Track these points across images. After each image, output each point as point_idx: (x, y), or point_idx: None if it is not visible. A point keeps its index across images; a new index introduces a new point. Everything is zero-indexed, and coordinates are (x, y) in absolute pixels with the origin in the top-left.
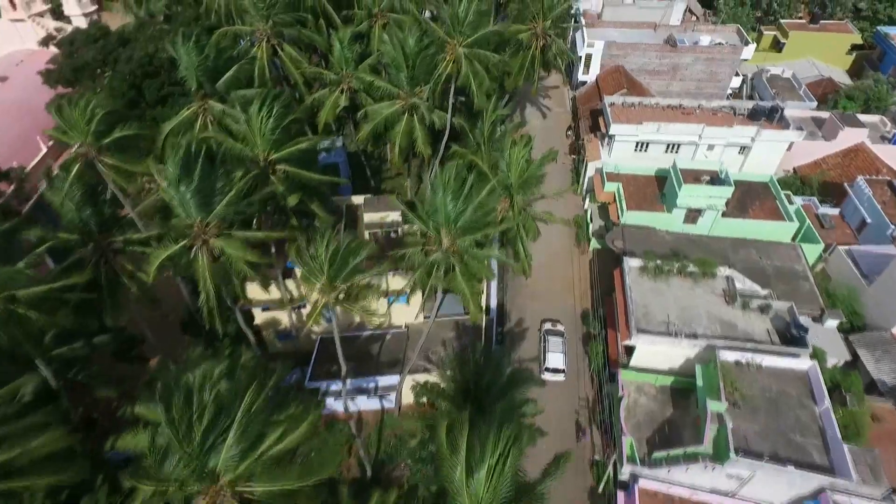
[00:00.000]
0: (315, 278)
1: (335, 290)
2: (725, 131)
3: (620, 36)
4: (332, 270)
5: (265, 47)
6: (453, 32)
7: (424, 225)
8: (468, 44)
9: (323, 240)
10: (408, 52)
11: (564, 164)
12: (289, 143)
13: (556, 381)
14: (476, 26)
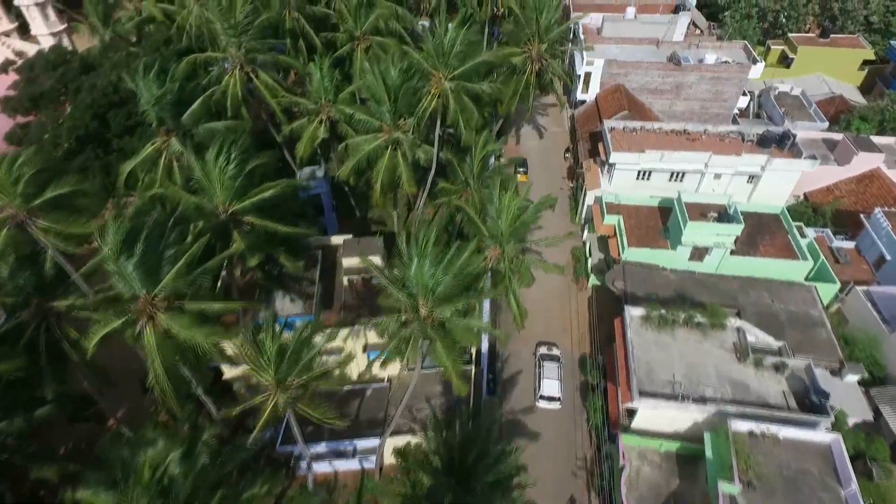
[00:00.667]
0: (261, 376)
1: (287, 390)
2: (733, 160)
3: (621, 53)
4: (283, 368)
5: (238, 75)
6: (438, 65)
7: (399, 292)
8: (455, 76)
9: (269, 332)
10: (390, 85)
11: (562, 190)
12: (253, 191)
13: (552, 408)
14: (464, 57)
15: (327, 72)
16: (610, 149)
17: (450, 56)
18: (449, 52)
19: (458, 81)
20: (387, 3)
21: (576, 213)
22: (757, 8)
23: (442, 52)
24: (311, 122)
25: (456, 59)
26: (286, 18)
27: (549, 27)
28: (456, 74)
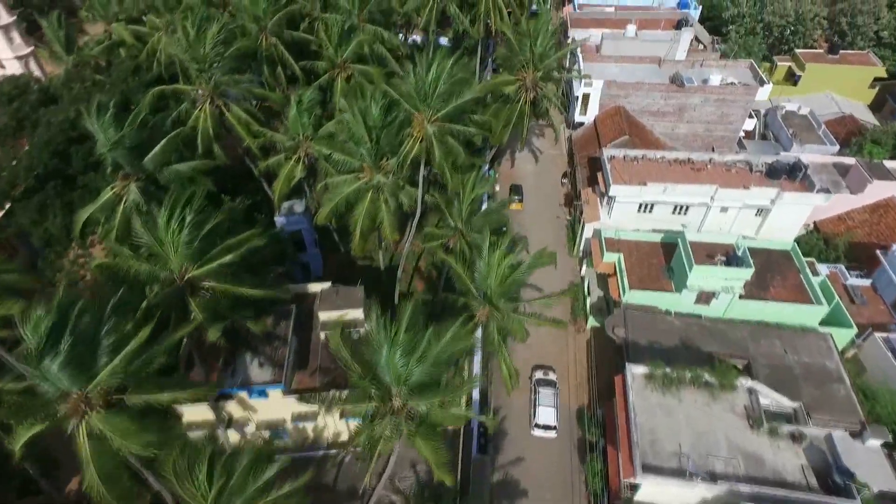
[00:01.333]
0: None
1: None
2: (741, 194)
3: (621, 73)
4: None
5: (208, 109)
6: (420, 106)
7: (367, 385)
8: (440, 117)
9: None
10: (370, 124)
11: (559, 219)
12: (215, 252)
13: (547, 437)
14: (450, 95)
15: (305, 105)
16: (609, 181)
17: (433, 96)
18: (432, 92)
19: (443, 124)
20: (371, 28)
21: (574, 246)
22: (762, 23)
23: (424, 92)
24: (288, 160)
25: (440, 100)
26: (263, 45)
27: (544, 54)
28: (440, 116)
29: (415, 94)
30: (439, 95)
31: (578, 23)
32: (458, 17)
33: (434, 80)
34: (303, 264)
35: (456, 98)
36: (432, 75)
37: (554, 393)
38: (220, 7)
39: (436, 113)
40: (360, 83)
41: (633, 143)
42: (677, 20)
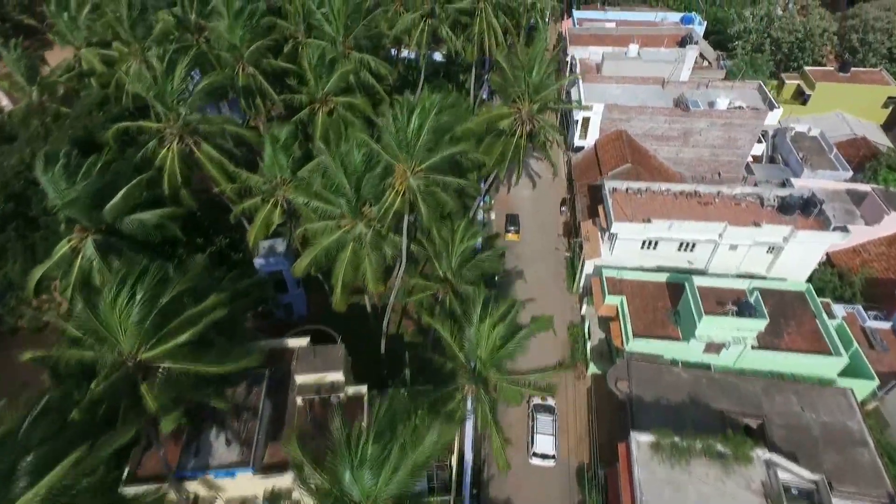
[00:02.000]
0: None
1: None
2: (752, 232)
3: (623, 94)
4: None
5: (176, 148)
6: (401, 157)
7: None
8: (425, 169)
9: None
10: (350, 171)
11: (558, 251)
12: (173, 327)
13: (546, 466)
14: (437, 143)
15: (281, 145)
16: (612, 218)
17: (416, 147)
18: (414, 143)
19: (429, 175)
20: (357, 55)
21: (573, 282)
22: (769, 38)
23: (405, 142)
24: (265, 202)
25: (424, 150)
26: (240, 75)
27: (541, 85)
28: (426, 167)
29: (395, 144)
30: (423, 145)
31: (578, 40)
32: (451, 40)
33: (416, 131)
34: (285, 305)
35: (444, 147)
36: (414, 124)
37: (553, 420)
38: (195, 33)
39: (420, 164)
40: (344, 116)
41: (636, 171)
42: (681, 37)
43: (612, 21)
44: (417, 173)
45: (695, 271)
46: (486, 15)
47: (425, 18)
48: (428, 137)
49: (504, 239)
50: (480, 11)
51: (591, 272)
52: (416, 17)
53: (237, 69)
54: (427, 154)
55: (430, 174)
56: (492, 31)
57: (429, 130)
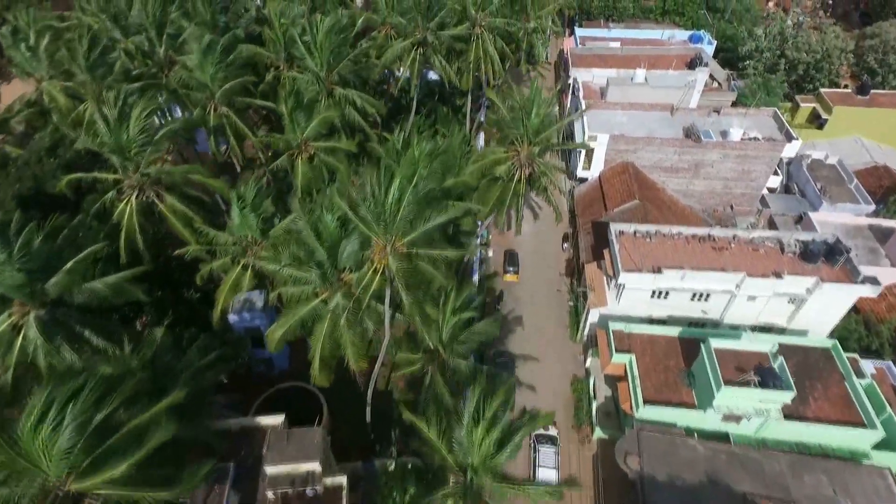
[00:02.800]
0: None
1: None
2: (773, 283)
3: (630, 122)
4: None
5: (135, 203)
6: (378, 232)
7: None
8: (407, 243)
9: None
10: (325, 237)
11: (560, 292)
12: (112, 448)
13: None
14: (417, 217)
15: (249, 204)
16: (619, 267)
17: (395, 220)
18: (394, 215)
19: (413, 250)
20: (341, 92)
21: (577, 331)
22: (784, 59)
23: (383, 216)
24: (234, 264)
25: (406, 223)
26: (211, 115)
27: (539, 128)
28: (408, 241)
29: (371, 218)
30: (405, 217)
31: (581, 61)
32: (445, 69)
33: (395, 202)
34: (266, 359)
35: (431, 214)
36: (393, 195)
37: (555, 451)
38: (165, 68)
39: (401, 238)
40: (327, 162)
41: (644, 209)
42: (690, 58)
43: (616, 40)
44: (398, 249)
45: (709, 322)
46: (483, 41)
47: (417, 47)
48: (410, 209)
49: (502, 279)
50: (476, 37)
51: (596, 321)
52: (407, 46)
53: (208, 109)
54: (410, 226)
55: (413, 248)
56: (489, 58)
57: (411, 201)
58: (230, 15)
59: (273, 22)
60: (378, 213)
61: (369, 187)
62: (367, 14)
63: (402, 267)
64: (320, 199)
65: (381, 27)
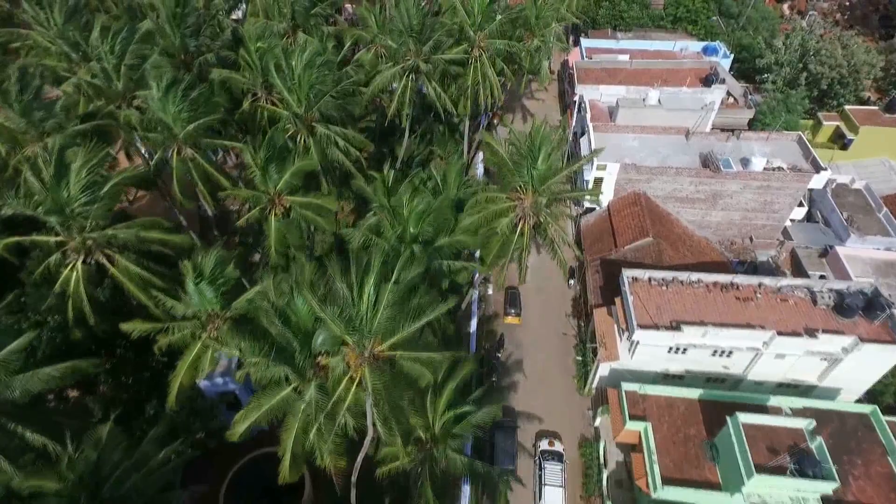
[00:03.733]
0: None
1: None
2: (806, 343)
3: (641, 147)
4: None
5: (81, 269)
6: (351, 339)
7: None
8: (385, 349)
9: None
10: (295, 321)
11: (566, 336)
12: None
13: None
14: (397, 322)
15: (209, 278)
16: (633, 323)
17: (372, 325)
18: (371, 320)
19: (395, 353)
20: (323, 132)
21: (584, 384)
22: (806, 73)
23: (356, 322)
24: (195, 340)
25: (386, 327)
26: (174, 158)
27: (546, 176)
28: (386, 346)
29: (342, 326)
30: (385, 321)
31: (588, 76)
32: (440, 98)
33: (372, 306)
34: None
35: (411, 316)
36: (369, 297)
37: (562, 469)
38: (123, 102)
39: (381, 342)
40: (305, 215)
41: (658, 248)
42: (705, 74)
43: (624, 52)
44: (377, 355)
45: (731, 377)
46: (482, 65)
47: (408, 73)
48: (390, 311)
49: (503, 321)
50: (475, 60)
51: (607, 374)
52: (398, 72)
53: (171, 151)
54: (390, 328)
55: (396, 350)
56: (488, 83)
57: (391, 302)
58: (202, 38)
59: (248, 46)
60: (350, 319)
61: (338, 285)
62: (356, 32)
63: (381, 380)
64: (294, 271)
65: (371, 45)
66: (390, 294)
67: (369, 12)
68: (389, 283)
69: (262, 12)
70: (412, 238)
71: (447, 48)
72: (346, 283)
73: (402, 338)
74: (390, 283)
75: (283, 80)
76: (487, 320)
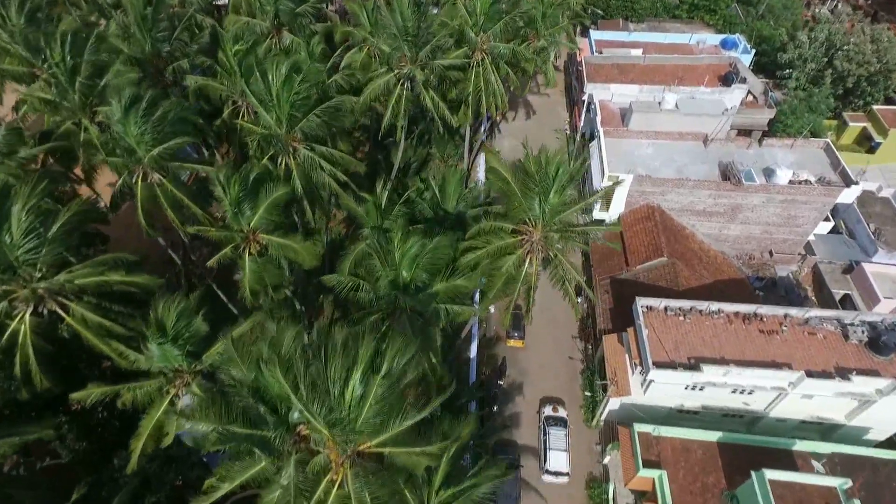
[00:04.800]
0: None
1: None
2: (838, 385)
3: (656, 153)
4: None
5: (29, 322)
6: (333, 438)
7: None
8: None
9: None
10: (268, 396)
11: (572, 360)
12: None
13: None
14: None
15: (174, 336)
16: (648, 360)
17: (357, 423)
18: (356, 419)
19: (381, 452)
20: (307, 155)
21: (592, 415)
22: (832, 69)
23: (339, 419)
24: (162, 395)
25: (370, 426)
26: (138, 185)
27: (558, 208)
28: (372, 445)
29: (320, 421)
30: (369, 419)
31: (597, 73)
32: (437, 107)
33: (356, 406)
34: None
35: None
36: (354, 391)
37: (565, 434)
38: (84, 115)
39: (368, 440)
40: (285, 251)
41: (674, 268)
42: (724, 71)
43: (637, 45)
44: (364, 452)
45: (750, 414)
46: (484, 69)
47: (402, 82)
48: (375, 411)
49: (505, 344)
50: (476, 65)
51: (617, 408)
52: (392, 80)
53: (135, 177)
54: (377, 425)
55: (384, 447)
56: (490, 89)
57: (379, 398)
58: (175, 42)
59: (226, 49)
60: (331, 409)
61: (317, 372)
62: (346, 29)
63: (366, 487)
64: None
65: (364, 45)
66: (379, 388)
67: (361, 7)
68: (378, 375)
69: (245, 10)
70: (405, 284)
71: (446, 51)
72: (328, 373)
73: (392, 436)
74: (379, 377)
75: (258, 98)
76: (488, 343)
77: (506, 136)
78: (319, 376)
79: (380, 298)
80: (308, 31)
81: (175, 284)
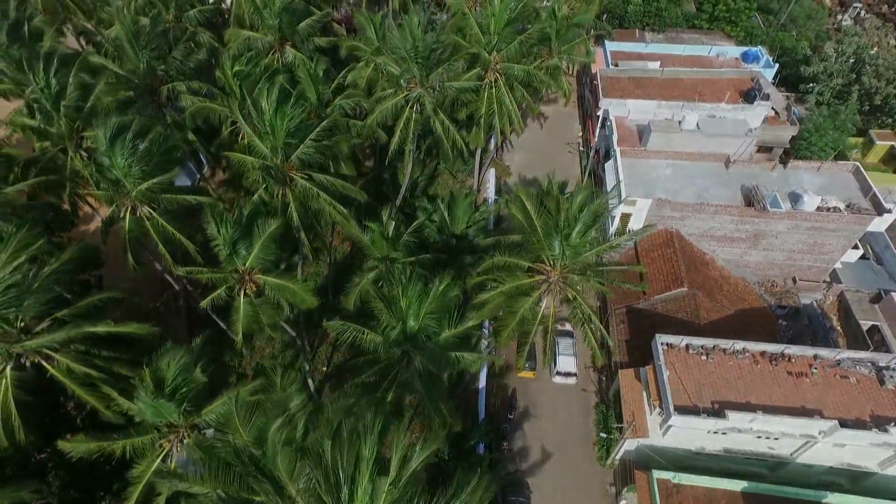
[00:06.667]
0: None
1: None
2: (873, 436)
3: (674, 176)
4: None
5: (10, 376)
6: None
7: None
8: None
9: None
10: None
11: (585, 392)
12: None
13: (567, 384)
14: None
15: (169, 390)
16: (669, 405)
17: None
18: None
19: None
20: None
21: (607, 454)
22: (858, 86)
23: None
24: (155, 448)
25: None
26: (126, 218)
27: (579, 248)
28: None
29: None
30: None
31: (613, 87)
32: (447, 131)
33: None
34: None
35: None
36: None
37: (572, 343)
38: (69, 144)
39: None
40: (284, 292)
41: (694, 300)
42: (747, 87)
43: (654, 57)
44: None
45: (775, 459)
46: (497, 91)
47: (412, 105)
48: None
49: (516, 373)
50: (489, 86)
51: (633, 449)
52: (400, 102)
53: (123, 211)
54: None
55: None
56: (504, 111)
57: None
58: (171, 59)
59: (225, 70)
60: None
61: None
62: (353, 44)
63: None
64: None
65: (371, 59)
66: (388, 495)
67: (368, 21)
68: (387, 479)
69: (248, 22)
70: (412, 335)
71: (458, 73)
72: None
73: None
74: (388, 482)
75: (252, 126)
76: (498, 373)
77: (517, 149)
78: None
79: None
80: (312, 46)
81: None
